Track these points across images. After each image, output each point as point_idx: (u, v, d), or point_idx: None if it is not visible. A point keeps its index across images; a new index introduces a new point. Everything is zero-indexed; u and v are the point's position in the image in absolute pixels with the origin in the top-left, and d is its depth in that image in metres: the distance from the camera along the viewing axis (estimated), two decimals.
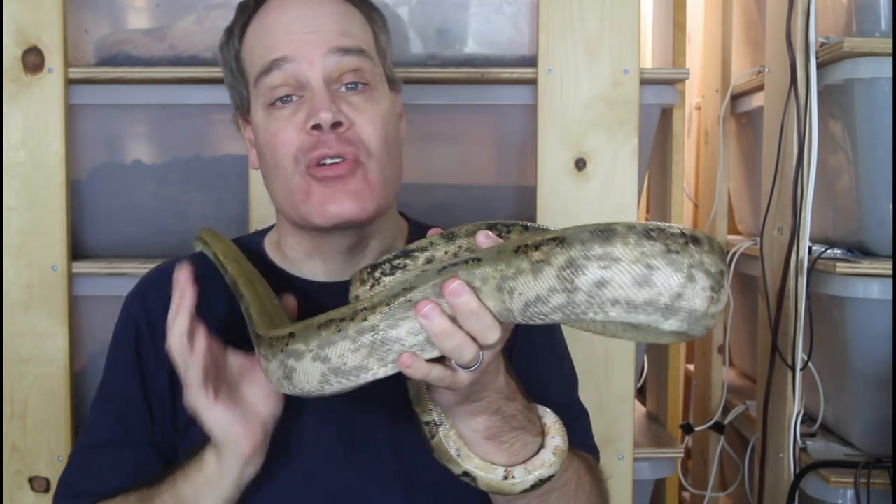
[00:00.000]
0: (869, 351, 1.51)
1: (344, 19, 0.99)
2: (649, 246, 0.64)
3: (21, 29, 1.46)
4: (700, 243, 0.66)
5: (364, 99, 0.97)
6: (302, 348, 0.75)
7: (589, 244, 0.64)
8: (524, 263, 0.66)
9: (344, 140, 0.94)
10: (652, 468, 1.62)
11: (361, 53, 0.97)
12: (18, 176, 1.48)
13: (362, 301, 0.74)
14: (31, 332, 1.49)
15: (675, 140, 1.71)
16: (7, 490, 1.49)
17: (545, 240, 0.66)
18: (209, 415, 0.86)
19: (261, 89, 0.97)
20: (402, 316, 0.71)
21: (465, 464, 0.83)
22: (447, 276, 0.69)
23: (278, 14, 0.98)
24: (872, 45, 1.44)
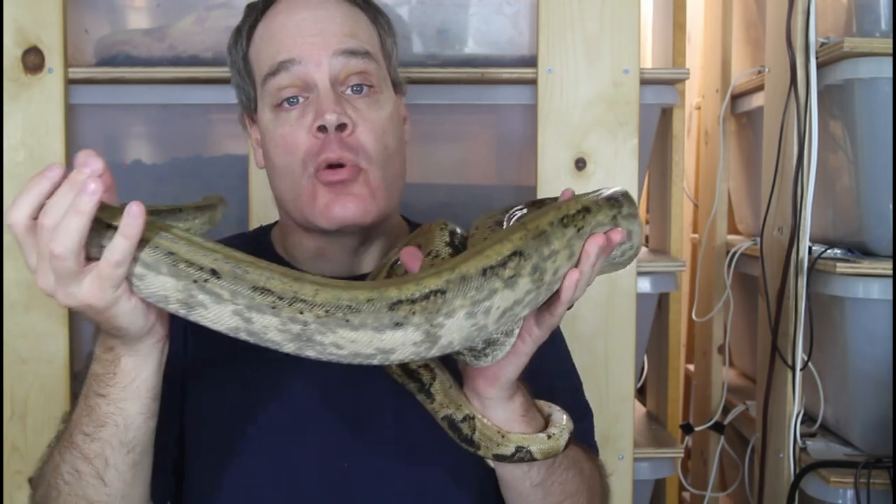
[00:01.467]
0: (869, 351, 1.51)
1: (350, 21, 1.00)
2: (569, 230, 0.74)
3: (21, 29, 1.46)
4: (591, 212, 0.77)
5: (368, 103, 0.98)
6: (458, 304, 0.69)
7: (540, 249, 0.71)
8: (497, 283, 0.69)
9: (346, 145, 0.95)
10: (652, 468, 1.62)
11: (367, 56, 0.98)
12: (18, 176, 1.48)
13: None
14: (31, 332, 1.49)
15: (675, 140, 1.71)
16: (7, 490, 1.49)
17: (507, 257, 0.70)
18: (125, 306, 0.71)
19: (268, 90, 0.99)
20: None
21: (515, 441, 0.85)
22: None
23: (286, 16, 0.99)
24: (872, 45, 1.44)
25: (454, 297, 0.67)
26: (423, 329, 0.67)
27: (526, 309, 0.72)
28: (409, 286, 0.67)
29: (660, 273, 1.61)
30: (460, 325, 0.68)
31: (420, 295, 0.67)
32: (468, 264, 0.68)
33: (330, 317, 0.66)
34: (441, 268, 0.69)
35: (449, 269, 0.68)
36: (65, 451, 0.83)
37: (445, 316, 0.67)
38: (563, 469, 0.91)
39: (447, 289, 0.67)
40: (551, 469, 0.90)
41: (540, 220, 0.73)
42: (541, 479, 0.90)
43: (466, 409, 0.85)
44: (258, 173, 1.48)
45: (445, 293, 0.67)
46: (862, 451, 1.56)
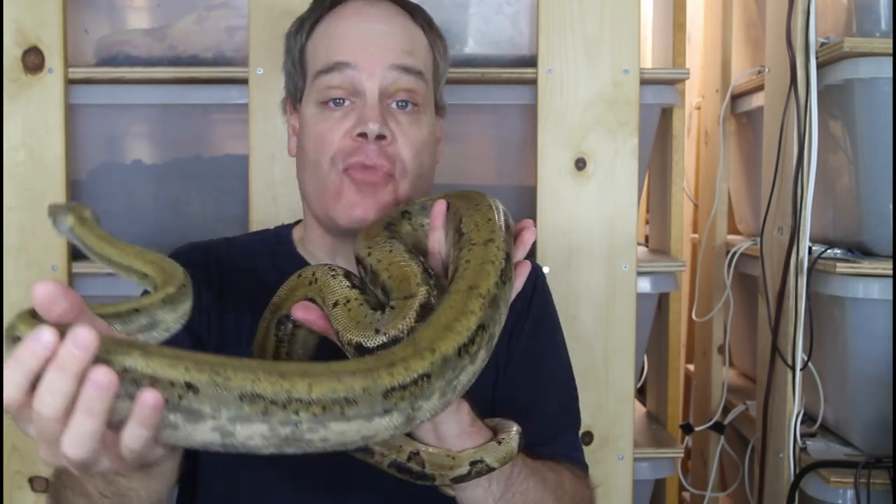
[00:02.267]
0: (869, 351, 1.51)
1: (412, 40, 1.02)
2: (507, 286, 0.75)
3: (21, 29, 1.46)
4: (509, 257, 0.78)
5: (411, 120, 1.00)
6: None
7: (495, 316, 0.72)
8: (466, 360, 0.69)
9: (383, 153, 0.98)
10: (652, 468, 1.62)
11: (419, 75, 1.01)
12: (18, 176, 1.48)
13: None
14: None
15: (675, 140, 1.71)
16: (7, 490, 1.49)
17: (474, 332, 0.69)
18: (159, 460, 0.66)
19: (317, 86, 1.01)
20: None
21: (467, 458, 0.84)
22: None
23: (353, 21, 1.01)
24: (872, 45, 1.44)
25: (436, 379, 0.67)
26: (405, 413, 0.66)
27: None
28: (398, 370, 0.64)
29: (660, 273, 1.61)
30: (434, 405, 0.68)
31: (410, 380, 0.65)
32: (446, 343, 0.67)
33: (326, 412, 0.62)
34: (418, 345, 0.67)
35: (429, 350, 0.67)
36: (79, 497, 0.80)
37: (425, 399, 0.66)
38: (523, 478, 0.90)
39: (432, 372, 0.66)
40: (511, 480, 0.89)
41: (485, 282, 0.72)
42: (501, 492, 0.88)
43: (407, 446, 0.83)
44: (258, 173, 1.48)
45: (431, 377, 0.66)
46: (862, 451, 1.56)
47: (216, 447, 0.61)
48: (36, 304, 0.59)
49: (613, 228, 1.49)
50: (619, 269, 1.50)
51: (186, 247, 1.11)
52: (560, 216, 1.49)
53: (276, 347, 0.88)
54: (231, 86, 1.51)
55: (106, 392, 0.56)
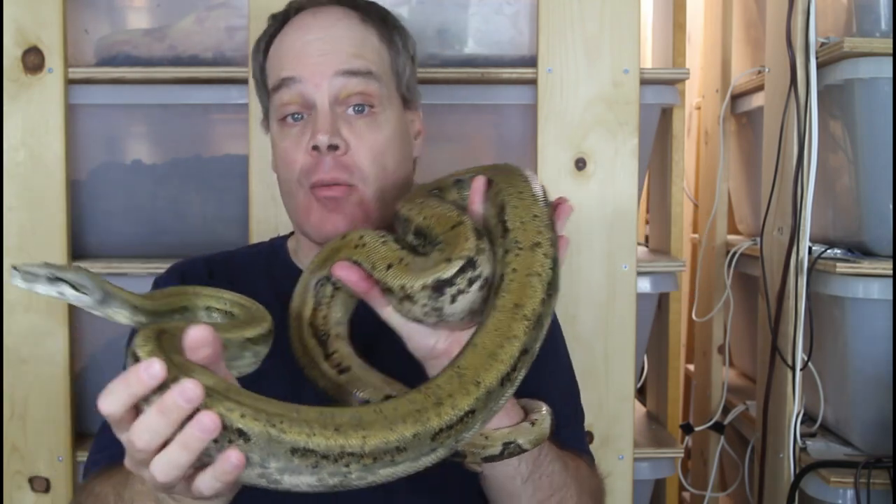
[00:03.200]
0: (869, 351, 1.51)
1: (357, 42, 1.01)
2: (553, 299, 0.74)
3: (21, 29, 1.46)
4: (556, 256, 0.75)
5: (367, 124, 0.99)
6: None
7: (538, 336, 0.72)
8: (509, 389, 0.70)
9: (340, 166, 0.97)
10: (652, 468, 1.62)
11: (369, 75, 1.00)
12: (18, 176, 1.48)
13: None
14: (31, 332, 1.49)
15: (675, 140, 1.71)
16: (7, 490, 1.49)
17: (517, 358, 0.70)
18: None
19: (274, 104, 1.02)
20: None
21: (500, 438, 0.84)
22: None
23: (297, 34, 1.01)
24: (872, 45, 1.44)
25: (480, 413, 0.68)
26: (449, 447, 0.67)
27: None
28: (446, 410, 0.65)
29: (660, 273, 1.61)
30: (474, 432, 0.69)
31: (457, 419, 0.66)
32: (490, 375, 0.68)
33: (377, 462, 0.63)
34: (464, 377, 0.67)
35: (474, 384, 0.67)
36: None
37: (468, 431, 0.68)
38: (549, 461, 0.91)
39: (477, 407, 0.67)
40: (538, 461, 0.89)
41: (531, 300, 0.71)
42: (529, 472, 0.89)
43: None
44: (258, 173, 1.48)
45: (475, 412, 0.67)
46: (862, 451, 1.56)
47: (258, 485, 0.63)
48: (186, 344, 0.65)
49: (613, 228, 1.49)
50: (619, 269, 1.50)
51: (187, 259, 1.12)
52: None
53: (313, 312, 0.87)
54: (231, 86, 1.51)
55: (209, 435, 0.60)
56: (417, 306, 0.75)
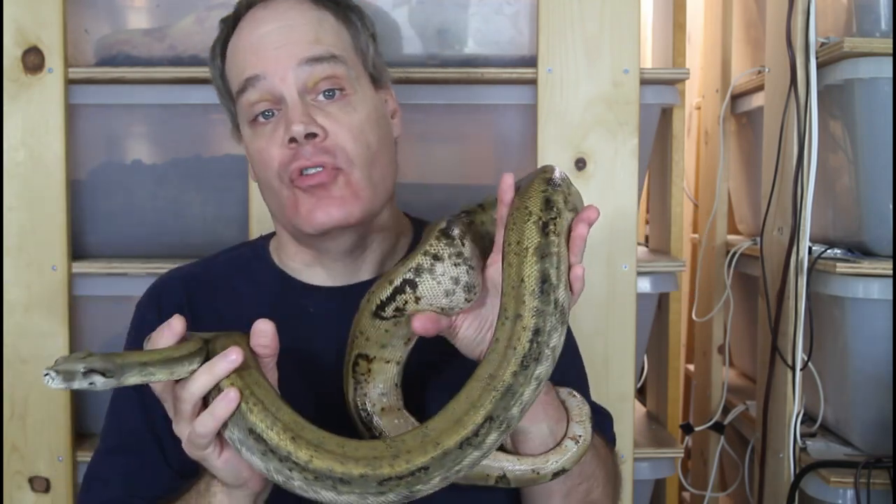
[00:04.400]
0: (869, 351, 1.51)
1: (314, 27, 0.99)
2: (529, 369, 0.78)
3: (21, 29, 1.46)
4: (541, 332, 0.78)
5: (341, 107, 0.97)
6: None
7: (507, 404, 0.77)
8: (469, 450, 0.77)
9: (321, 150, 0.95)
10: (652, 468, 1.62)
11: (333, 59, 0.97)
12: (18, 176, 1.48)
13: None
14: (31, 332, 1.49)
15: (675, 140, 1.71)
16: (7, 490, 1.49)
17: (480, 425, 0.76)
18: (215, 462, 0.81)
19: (241, 107, 0.99)
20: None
21: (550, 469, 0.89)
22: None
23: (250, 30, 0.99)
24: (872, 45, 1.44)
25: (435, 470, 0.75)
26: (402, 494, 0.75)
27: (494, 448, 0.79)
28: (399, 463, 0.74)
29: (660, 273, 1.61)
30: (435, 484, 0.76)
31: (408, 472, 0.74)
32: (450, 438, 0.75)
33: (318, 481, 0.75)
34: (427, 437, 0.76)
35: (434, 444, 0.75)
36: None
37: (423, 484, 0.76)
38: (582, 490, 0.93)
39: (430, 465, 0.75)
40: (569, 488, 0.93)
41: (504, 371, 0.76)
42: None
43: (493, 471, 0.89)
44: None
45: (429, 468, 0.75)
46: (862, 451, 1.56)
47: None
48: (252, 330, 0.81)
49: (613, 228, 1.49)
50: (619, 269, 1.50)
51: (165, 277, 1.10)
52: None
53: (353, 393, 0.91)
54: None
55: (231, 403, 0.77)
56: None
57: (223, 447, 0.80)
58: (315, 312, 1.03)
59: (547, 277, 0.76)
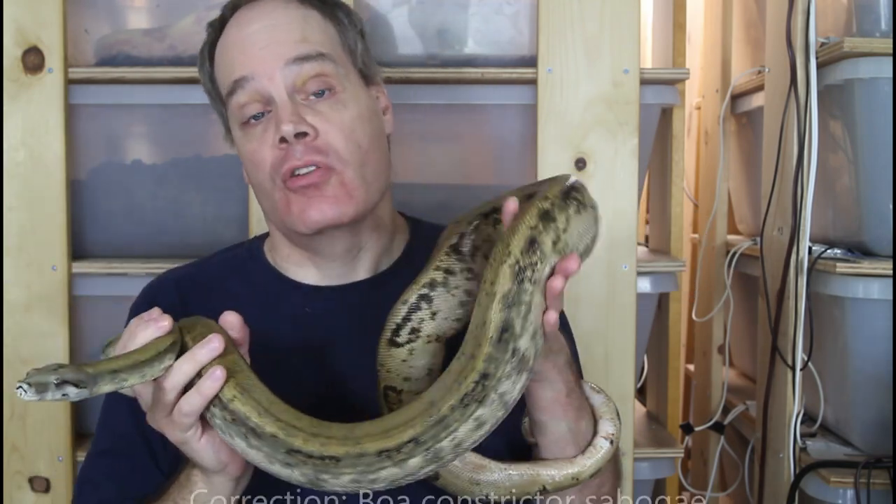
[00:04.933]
0: (869, 351, 1.51)
1: (299, 26, 0.98)
2: (470, 408, 0.77)
3: (21, 29, 1.46)
4: (496, 366, 0.77)
5: (331, 106, 0.97)
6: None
7: (437, 435, 0.76)
8: (387, 462, 0.77)
9: (312, 149, 0.94)
10: (652, 468, 1.62)
11: (321, 57, 0.97)
12: (18, 176, 1.48)
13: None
14: (31, 332, 1.49)
15: (675, 140, 1.71)
16: (7, 490, 1.49)
17: (404, 442, 0.76)
18: (195, 445, 0.83)
19: (231, 109, 0.99)
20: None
21: (590, 472, 0.91)
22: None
23: (236, 32, 0.99)
24: (872, 45, 1.44)
25: (345, 466, 0.76)
26: (308, 476, 0.77)
27: (425, 474, 0.78)
28: (314, 442, 0.76)
29: (660, 273, 1.61)
30: (343, 484, 0.77)
31: (318, 454, 0.76)
32: (371, 443, 0.76)
33: (234, 425, 0.79)
34: (354, 433, 0.77)
35: (355, 442, 0.76)
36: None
37: (332, 475, 0.77)
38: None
39: (342, 459, 0.76)
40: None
41: (444, 402, 0.76)
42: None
43: (533, 486, 0.91)
44: None
45: (339, 461, 0.76)
46: (862, 451, 1.56)
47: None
48: (222, 322, 0.83)
49: (613, 228, 1.49)
50: (619, 269, 1.50)
51: (159, 279, 1.10)
52: None
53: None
54: None
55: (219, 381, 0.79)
56: None
57: (204, 430, 0.82)
58: (311, 312, 1.03)
59: (509, 327, 0.75)
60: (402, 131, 1.10)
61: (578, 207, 0.81)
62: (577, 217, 0.80)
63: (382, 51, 1.51)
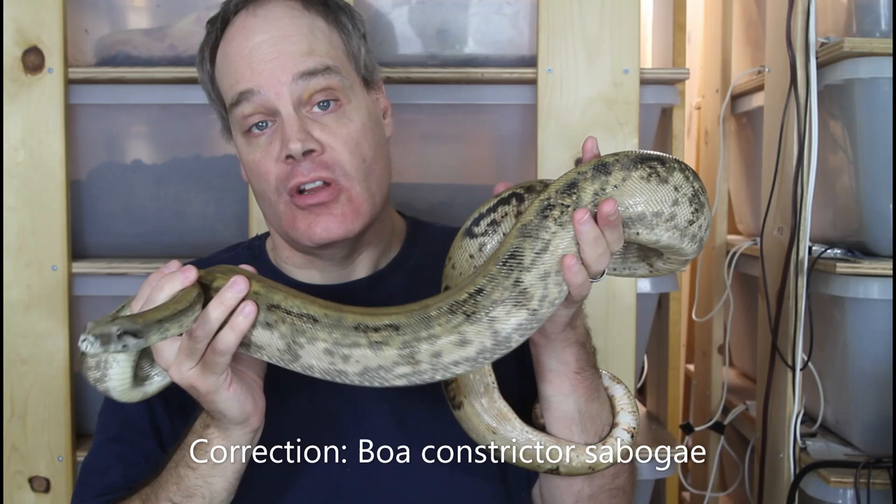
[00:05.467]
0: (869, 351, 1.51)
1: (305, 37, 0.97)
2: (457, 317, 0.75)
3: (21, 29, 1.46)
4: (484, 292, 0.76)
5: (337, 119, 0.97)
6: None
7: (418, 331, 0.75)
8: (362, 340, 0.76)
9: (319, 165, 0.95)
10: (652, 468, 1.62)
11: (328, 71, 0.97)
12: (18, 176, 1.48)
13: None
14: (31, 332, 1.49)
15: (675, 140, 1.71)
16: (7, 490, 1.49)
17: (384, 325, 0.75)
18: (224, 394, 0.81)
19: (234, 118, 0.99)
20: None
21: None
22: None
23: (242, 40, 0.98)
24: (872, 45, 1.44)
25: (321, 329, 0.75)
26: (286, 338, 0.76)
27: (399, 380, 0.76)
28: (294, 301, 0.77)
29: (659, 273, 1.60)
30: (319, 356, 0.76)
31: (297, 312, 0.76)
32: (352, 316, 0.76)
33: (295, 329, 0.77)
34: (339, 306, 0.77)
35: (335, 310, 0.76)
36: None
37: (307, 339, 0.76)
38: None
39: (320, 320, 0.76)
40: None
41: (434, 302, 0.76)
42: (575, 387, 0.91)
43: (546, 463, 0.90)
44: None
45: (317, 322, 0.76)
46: (862, 451, 1.56)
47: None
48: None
49: None
50: None
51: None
52: None
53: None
54: None
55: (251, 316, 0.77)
56: None
57: (232, 379, 0.81)
58: None
59: (518, 255, 0.74)
60: (402, 131, 1.10)
61: (650, 175, 0.77)
62: (642, 183, 0.77)
63: (382, 51, 1.51)
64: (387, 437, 0.97)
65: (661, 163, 0.78)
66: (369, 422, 0.98)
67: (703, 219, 0.80)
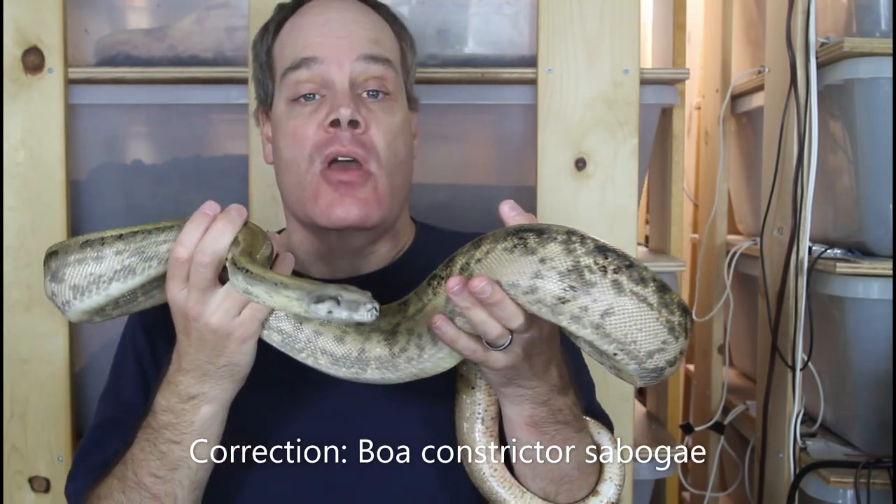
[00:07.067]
0: (869, 351, 1.51)
1: (376, 29, 1.02)
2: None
3: (21, 29, 1.46)
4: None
5: (382, 108, 1.00)
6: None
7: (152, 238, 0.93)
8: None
9: (358, 141, 0.97)
10: (652, 468, 1.62)
11: (388, 63, 1.01)
12: (18, 176, 1.48)
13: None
14: (31, 332, 1.49)
15: (675, 140, 1.71)
16: (7, 490, 1.49)
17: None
18: (251, 344, 0.84)
19: (287, 83, 1.01)
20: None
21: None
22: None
23: (316, 14, 1.02)
24: (872, 45, 1.44)
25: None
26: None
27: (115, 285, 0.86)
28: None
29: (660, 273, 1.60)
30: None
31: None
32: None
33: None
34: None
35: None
36: (130, 492, 0.91)
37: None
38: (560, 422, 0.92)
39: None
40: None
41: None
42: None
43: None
44: (258, 173, 1.48)
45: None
46: (862, 451, 1.56)
47: None
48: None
49: (613, 228, 1.49)
50: None
51: None
52: (560, 216, 1.49)
53: None
54: (231, 86, 1.51)
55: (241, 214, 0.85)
56: None
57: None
58: None
59: (406, 304, 0.84)
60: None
61: (515, 247, 0.74)
62: (506, 255, 0.74)
63: None
64: (387, 437, 0.97)
65: (537, 234, 0.73)
66: (369, 422, 0.99)
67: (586, 299, 0.71)
